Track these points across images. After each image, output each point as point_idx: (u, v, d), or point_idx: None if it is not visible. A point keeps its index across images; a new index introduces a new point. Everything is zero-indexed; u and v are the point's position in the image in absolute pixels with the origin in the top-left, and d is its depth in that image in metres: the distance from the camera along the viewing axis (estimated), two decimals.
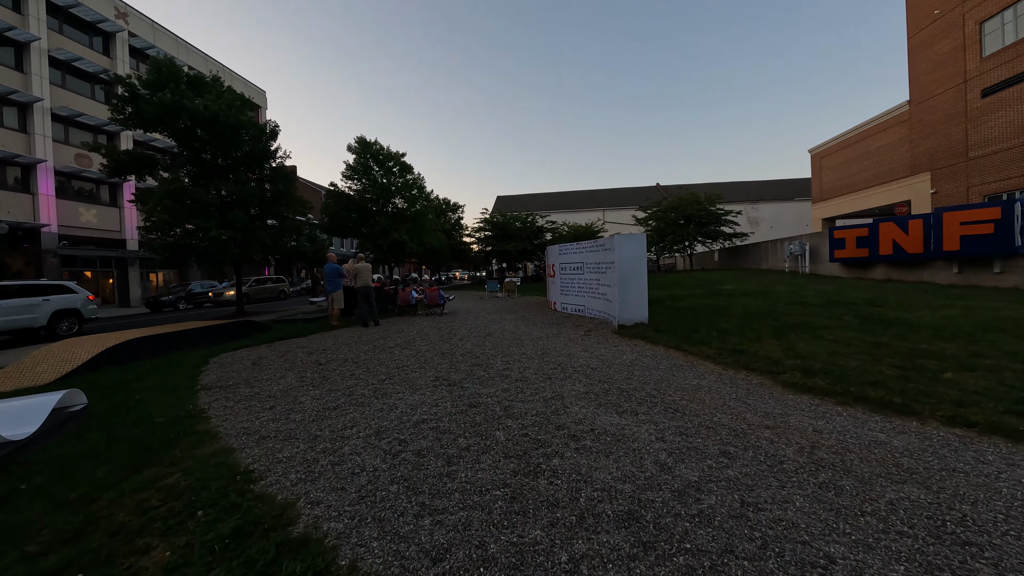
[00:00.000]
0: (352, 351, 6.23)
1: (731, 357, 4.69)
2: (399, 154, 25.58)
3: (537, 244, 28.27)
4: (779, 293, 10.92)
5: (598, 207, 47.27)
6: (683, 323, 6.94)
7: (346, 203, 24.50)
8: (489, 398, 3.60)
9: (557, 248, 10.14)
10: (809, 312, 7.48)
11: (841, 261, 15.74)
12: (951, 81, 19.34)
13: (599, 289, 8.35)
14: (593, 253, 8.51)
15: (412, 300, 10.48)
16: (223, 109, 11.43)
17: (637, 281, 7.08)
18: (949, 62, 19.48)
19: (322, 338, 7.66)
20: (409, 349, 6.22)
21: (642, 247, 7.10)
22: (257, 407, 3.65)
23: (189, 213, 11.48)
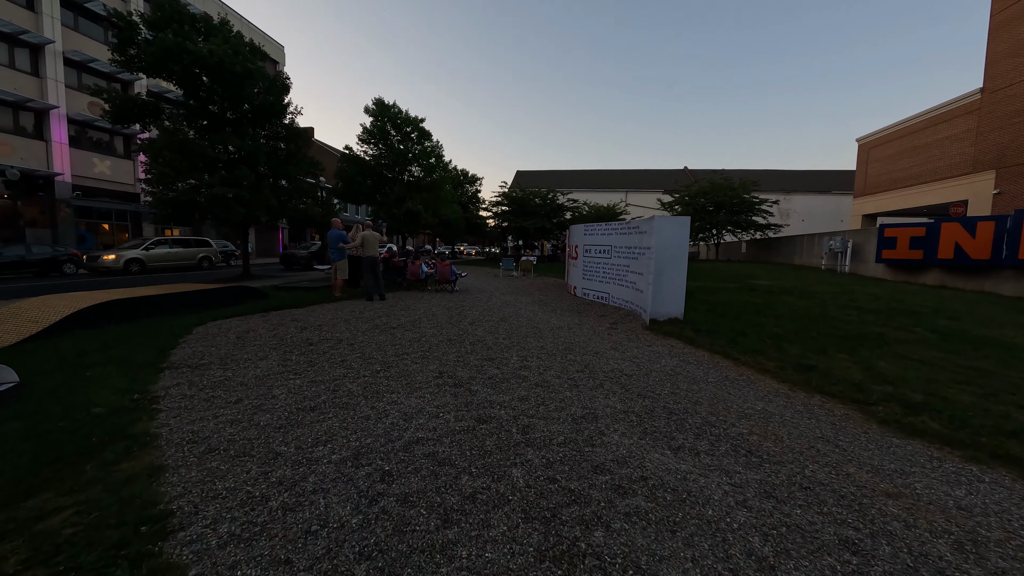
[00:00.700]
0: (349, 330, 5.57)
1: (797, 374, 3.86)
2: (418, 119, 24.41)
3: (556, 223, 27.14)
4: (824, 294, 9.87)
5: (621, 188, 45.36)
6: (724, 322, 6.07)
7: (361, 168, 23.66)
8: (503, 410, 2.87)
9: (582, 227, 9.21)
10: (869, 320, 6.51)
11: (889, 262, 14.40)
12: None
13: (628, 277, 7.48)
14: (624, 236, 7.59)
15: (422, 274, 9.78)
16: (229, 55, 10.54)
17: (676, 271, 6.19)
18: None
19: (321, 311, 7.04)
20: (413, 332, 5.52)
21: (685, 232, 6.17)
22: (221, 399, 3.00)
23: (192, 167, 10.84)
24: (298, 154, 14.15)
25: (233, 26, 12.28)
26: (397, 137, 24.27)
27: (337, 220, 8.20)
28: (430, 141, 25.13)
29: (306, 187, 13.53)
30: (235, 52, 10.89)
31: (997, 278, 11.30)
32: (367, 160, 23.94)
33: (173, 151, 10.51)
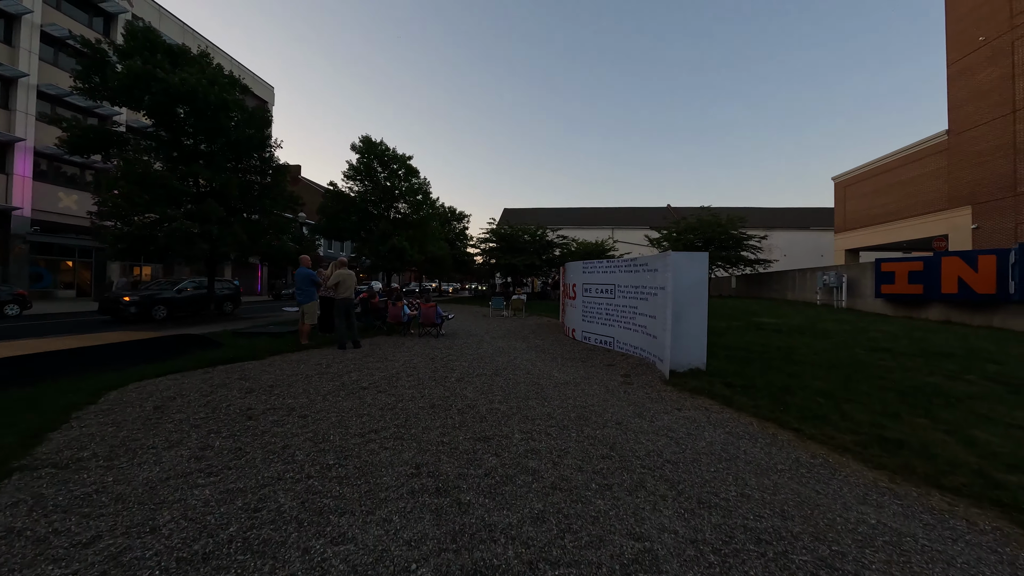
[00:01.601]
0: (307, 392, 4.49)
1: (886, 453, 2.96)
2: (405, 156, 24.26)
3: (545, 259, 26.67)
4: (838, 332, 9.21)
5: (607, 225, 45.92)
6: (755, 373, 5.21)
7: (346, 204, 23.06)
8: (510, 547, 1.87)
9: (580, 265, 8.48)
10: (910, 366, 5.75)
11: (888, 297, 14.06)
12: (997, 111, 17.97)
13: (636, 320, 6.64)
14: (630, 274, 6.83)
15: (404, 317, 8.78)
16: (203, 85, 9.96)
17: (696, 314, 5.38)
18: (995, 91, 18.14)
19: (281, 364, 5.93)
20: (388, 394, 4.48)
21: (704, 270, 5.43)
22: (63, 534, 1.91)
23: (154, 200, 9.91)
24: (276, 188, 13.43)
25: (214, 59, 11.86)
26: (384, 174, 23.96)
27: (307, 257, 7.26)
28: (417, 178, 24.89)
29: (282, 222, 12.66)
30: (211, 82, 10.33)
31: (1006, 313, 10.92)
32: (352, 196, 23.43)
33: (131, 183, 9.61)
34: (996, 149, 17.99)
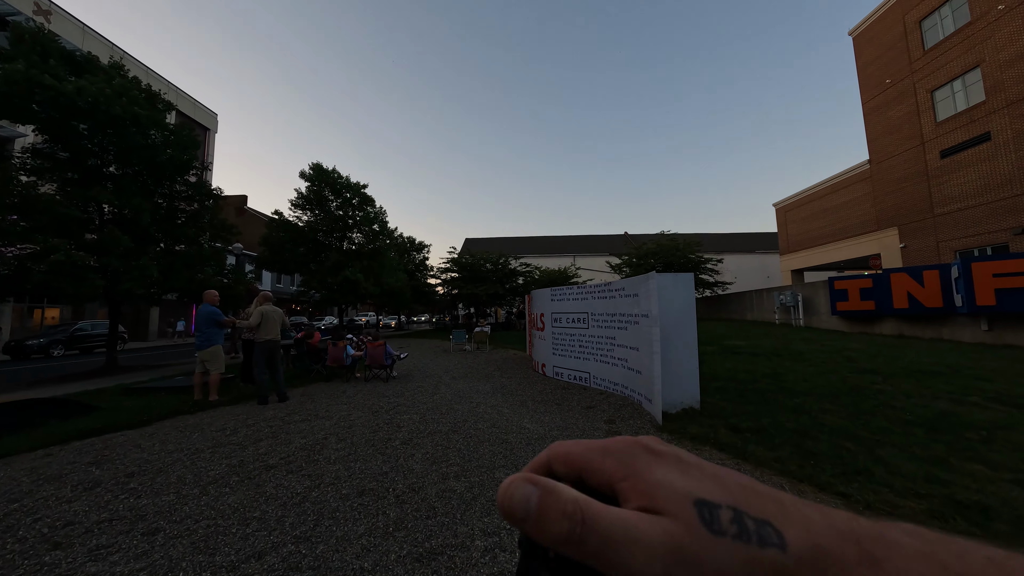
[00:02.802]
0: (182, 482, 3.19)
1: (972, 525, 2.21)
2: (360, 185, 23.12)
3: (509, 288, 25.96)
4: (811, 353, 8.95)
5: (568, 253, 46.43)
6: (756, 411, 4.50)
7: (293, 235, 21.35)
8: None
9: (548, 292, 7.69)
10: (904, 388, 5.31)
11: (843, 314, 14.42)
12: (909, 143, 19.90)
13: (614, 352, 5.84)
14: (605, 300, 6.09)
15: (346, 359, 7.46)
16: (107, 96, 8.55)
17: (685, 344, 4.65)
18: (905, 125, 20.16)
19: (168, 432, 4.50)
20: (302, 474, 3.27)
21: (690, 292, 4.76)
22: None
23: (34, 227, 8.13)
24: (205, 216, 11.85)
25: (129, 71, 10.46)
26: (336, 202, 22.62)
27: (211, 292, 5.89)
28: (373, 207, 23.73)
29: (207, 254, 11.03)
30: (118, 94, 8.93)
31: (954, 325, 11.31)
32: (301, 226, 21.79)
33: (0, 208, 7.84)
34: (912, 176, 19.74)
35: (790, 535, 0.18)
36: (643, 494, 0.20)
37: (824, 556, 0.18)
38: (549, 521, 0.19)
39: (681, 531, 0.18)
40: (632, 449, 0.23)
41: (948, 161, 18.13)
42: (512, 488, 0.21)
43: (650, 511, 0.19)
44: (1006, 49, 15.55)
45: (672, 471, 0.21)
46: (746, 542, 0.18)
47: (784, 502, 0.20)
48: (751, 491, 0.21)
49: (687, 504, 0.19)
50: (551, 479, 0.22)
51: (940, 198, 18.51)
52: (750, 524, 0.19)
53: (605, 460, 0.22)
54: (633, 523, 0.19)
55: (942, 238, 18.39)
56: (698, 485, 0.21)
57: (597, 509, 0.19)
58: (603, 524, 0.19)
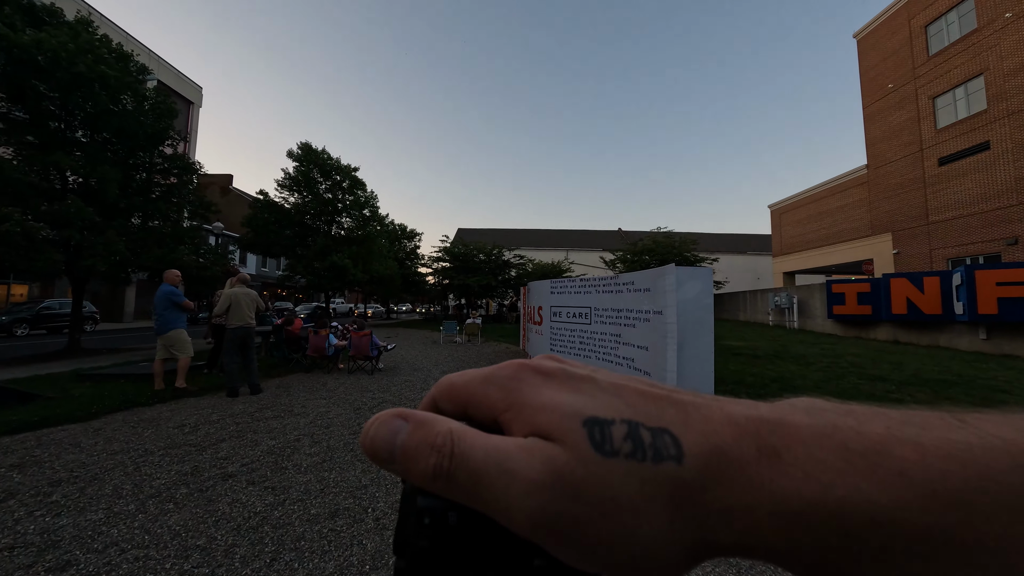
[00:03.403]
0: (116, 496, 2.67)
1: None
2: (350, 167, 22.26)
3: (501, 280, 25.46)
4: (813, 357, 8.70)
5: (562, 247, 46.04)
6: None
7: (279, 216, 20.47)
8: None
9: (547, 284, 7.23)
10: (922, 399, 5.02)
11: (839, 318, 14.31)
12: (907, 149, 19.84)
13: (619, 351, 5.43)
14: (611, 295, 5.65)
15: (329, 349, 6.93)
16: (68, 50, 7.74)
17: (702, 346, 4.25)
18: (905, 131, 20.09)
19: (115, 428, 3.95)
20: (264, 486, 2.78)
21: (709, 289, 4.35)
22: None
23: None
24: (183, 191, 11.07)
25: (98, 28, 9.57)
26: (325, 185, 21.75)
27: (172, 272, 5.27)
28: (363, 191, 22.91)
29: (182, 232, 10.29)
30: (83, 51, 8.11)
31: (951, 333, 11.22)
32: (287, 208, 20.90)
33: None
34: (909, 183, 19.71)
35: (688, 440, 0.17)
36: (527, 421, 0.18)
37: (722, 456, 0.16)
38: (417, 457, 0.17)
39: (565, 457, 0.16)
40: (518, 373, 0.20)
41: (946, 169, 18.08)
42: (376, 425, 0.18)
43: (537, 437, 0.17)
44: (1011, 58, 15.41)
45: (562, 390, 0.19)
46: (640, 460, 0.16)
47: (685, 403, 0.18)
48: (650, 397, 0.19)
49: (575, 424, 0.17)
50: (431, 412, 0.19)
51: (936, 205, 18.50)
52: (646, 437, 0.17)
53: (488, 389, 0.20)
54: (509, 453, 0.17)
55: (935, 246, 18.42)
56: (590, 401, 0.18)
57: (472, 440, 0.17)
58: (475, 456, 0.16)
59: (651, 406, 0.18)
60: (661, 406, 0.18)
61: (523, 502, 0.16)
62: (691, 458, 0.16)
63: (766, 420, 0.17)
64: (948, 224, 17.96)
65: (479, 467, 0.16)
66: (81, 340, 9.78)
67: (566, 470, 0.16)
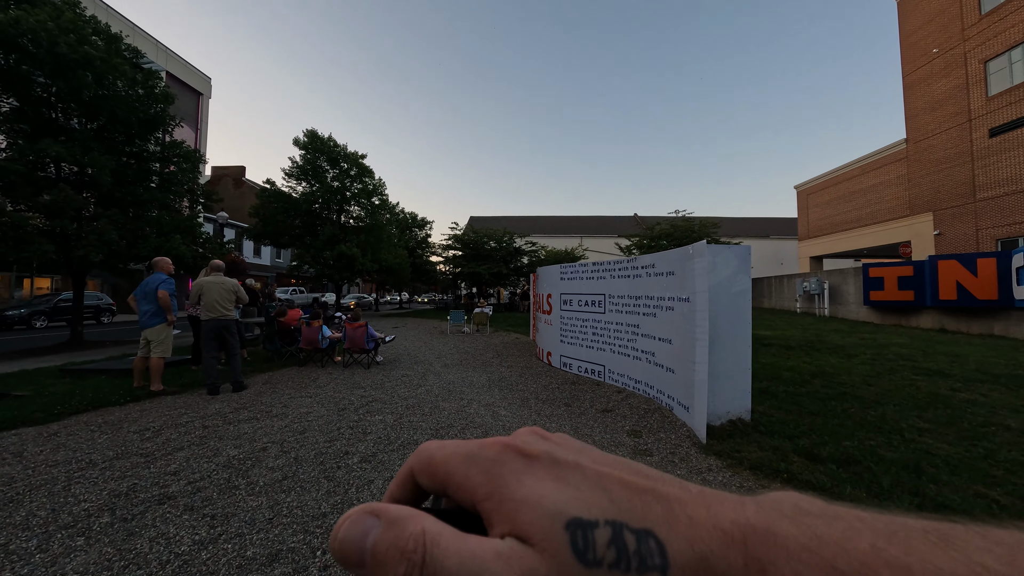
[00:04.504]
0: (31, 521, 2.22)
1: None
2: (358, 155, 21.79)
3: (513, 268, 24.84)
4: (853, 348, 7.85)
5: (576, 233, 44.99)
6: (828, 429, 3.46)
7: (287, 206, 20.21)
8: None
9: (557, 270, 6.59)
10: (997, 400, 4.23)
11: (876, 304, 13.22)
12: (953, 120, 18.17)
13: (638, 343, 4.79)
14: (628, 280, 4.99)
15: (322, 342, 6.48)
16: (49, 31, 7.33)
17: (737, 338, 3.58)
18: (950, 100, 18.38)
19: (71, 431, 3.55)
20: (203, 517, 2.29)
21: (747, 271, 3.65)
22: None
23: None
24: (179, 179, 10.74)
25: (85, 8, 9.16)
26: (333, 173, 21.36)
27: (162, 260, 4.87)
28: (371, 179, 22.45)
29: (180, 221, 9.97)
30: (65, 30, 7.70)
31: (1008, 320, 10.11)
32: (296, 198, 20.63)
33: None
34: (954, 157, 18.10)
35: (673, 547, 0.16)
36: (507, 517, 0.17)
37: (707, 570, 0.15)
38: (387, 563, 0.16)
39: (546, 569, 0.15)
40: (501, 455, 0.19)
41: (997, 140, 16.47)
42: (347, 525, 0.17)
43: (516, 538, 0.16)
44: None
45: (544, 480, 0.18)
46: (624, 571, 0.15)
47: (670, 498, 0.17)
48: (635, 490, 0.18)
49: (557, 529, 0.16)
50: (404, 506, 0.18)
51: (985, 181, 16.93)
52: (630, 542, 0.16)
53: (469, 470, 0.18)
54: (486, 563, 0.15)
55: (983, 225, 16.93)
56: (573, 497, 0.17)
57: (447, 545, 0.16)
58: (449, 566, 0.15)
59: (636, 501, 0.17)
60: (646, 501, 0.17)
61: None
62: (676, 568, 0.15)
63: (754, 528, 0.16)
64: (999, 201, 16.43)
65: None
66: (84, 333, 9.64)
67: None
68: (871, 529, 0.15)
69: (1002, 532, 0.15)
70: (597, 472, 0.18)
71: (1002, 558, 0.14)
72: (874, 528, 0.15)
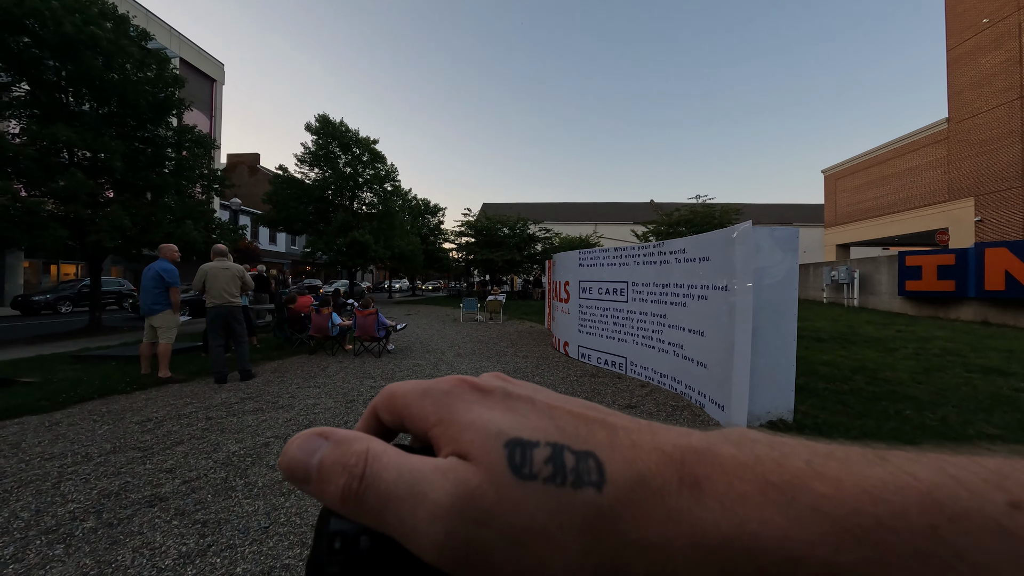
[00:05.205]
0: (12, 524, 2.05)
1: None
2: (369, 140, 21.50)
3: (527, 255, 24.44)
4: (891, 341, 7.34)
5: (590, 220, 44.13)
6: (882, 433, 3.10)
7: (299, 192, 20.15)
8: None
9: (575, 256, 6.24)
10: None
11: (912, 295, 12.48)
12: (1003, 97, 16.82)
13: (664, 335, 4.44)
14: (655, 267, 4.62)
15: (332, 329, 6.31)
16: (54, 10, 7.15)
17: (781, 331, 3.21)
18: (1000, 75, 16.99)
19: (72, 423, 3.43)
20: (194, 523, 2.09)
21: (794, 256, 3.26)
22: None
23: None
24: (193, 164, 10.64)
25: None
26: (345, 159, 21.15)
27: (168, 247, 4.70)
28: (384, 164, 22.18)
29: (192, 207, 9.90)
30: (69, 9, 7.52)
31: None
32: (308, 184, 20.53)
33: None
34: (1002, 137, 16.84)
35: (612, 467, 0.16)
36: (451, 438, 0.17)
37: (643, 485, 0.15)
38: (330, 478, 0.16)
39: (478, 480, 0.16)
40: (455, 388, 0.20)
41: None
42: (296, 444, 0.18)
43: (457, 457, 0.17)
44: None
45: (493, 409, 0.18)
46: (558, 484, 0.15)
47: (617, 427, 0.18)
48: (583, 419, 0.18)
49: (495, 445, 0.17)
50: (352, 430, 0.19)
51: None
52: (569, 460, 0.16)
53: (424, 402, 0.19)
54: (423, 474, 0.16)
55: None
56: (519, 422, 0.18)
57: (387, 461, 0.16)
58: (387, 477, 0.16)
59: (582, 428, 0.18)
60: (592, 428, 0.18)
61: (430, 527, 0.15)
62: (612, 486, 0.16)
63: (693, 449, 0.16)
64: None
65: (389, 489, 0.16)
66: (102, 318, 9.74)
67: (477, 493, 0.15)
68: (810, 450, 0.16)
69: (937, 453, 0.15)
70: (548, 404, 0.19)
71: (931, 467, 0.14)
72: (814, 449, 0.16)
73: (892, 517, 0.13)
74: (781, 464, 0.15)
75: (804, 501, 0.14)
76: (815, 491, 0.14)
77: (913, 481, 0.14)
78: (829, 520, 0.14)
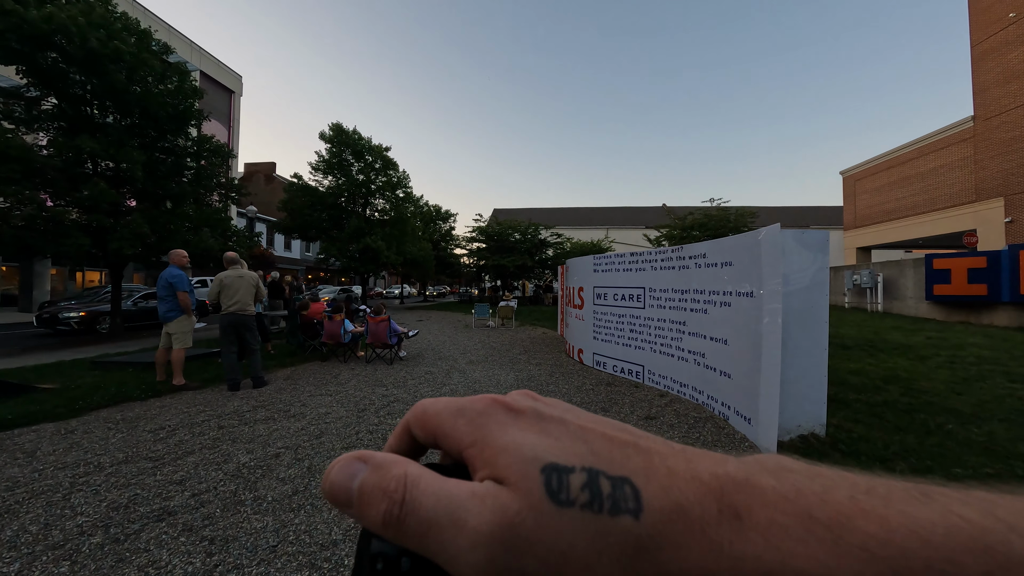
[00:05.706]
0: (20, 539, 2.01)
1: None
2: (382, 148, 21.75)
3: (538, 260, 24.34)
4: (922, 348, 6.99)
5: (602, 225, 43.85)
6: (925, 451, 2.89)
7: (313, 199, 20.46)
8: None
9: (590, 261, 6.11)
10: None
11: (941, 299, 11.98)
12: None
13: (684, 342, 4.28)
14: (674, 272, 4.47)
15: (344, 336, 6.29)
16: (80, 27, 7.38)
17: (814, 334, 3.04)
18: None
19: (88, 430, 3.43)
20: (201, 541, 2.03)
21: (825, 261, 3.09)
22: None
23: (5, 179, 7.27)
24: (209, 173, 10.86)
25: (117, 5, 9.27)
26: (358, 166, 21.43)
27: (178, 252, 4.74)
28: (396, 171, 22.41)
29: (209, 215, 10.07)
30: (96, 25, 7.76)
31: None
32: (322, 192, 20.84)
33: None
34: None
35: (648, 494, 0.16)
36: (487, 461, 0.17)
37: (682, 515, 0.15)
38: (371, 502, 0.17)
39: (518, 506, 0.15)
40: (488, 408, 0.20)
41: None
42: (336, 469, 0.18)
43: (493, 482, 0.17)
44: None
45: (527, 431, 0.18)
46: (596, 511, 0.15)
47: (651, 451, 0.18)
48: (617, 443, 0.18)
49: (532, 471, 0.16)
50: (393, 454, 0.19)
51: None
52: (605, 487, 0.16)
53: (458, 422, 0.19)
54: (461, 501, 0.16)
55: None
56: (553, 445, 0.18)
57: (426, 486, 0.16)
58: (426, 503, 0.16)
59: (616, 452, 0.18)
60: (627, 453, 0.17)
61: (470, 555, 0.15)
62: (650, 513, 0.15)
63: (732, 479, 0.16)
64: None
65: (429, 516, 0.16)
66: (122, 324, 9.94)
67: (516, 520, 0.15)
68: (851, 484, 0.15)
69: (983, 491, 0.15)
70: (580, 426, 0.19)
71: (980, 510, 0.14)
72: (855, 483, 0.15)
73: (944, 562, 0.13)
74: (823, 499, 0.15)
75: (850, 540, 0.14)
76: (861, 530, 0.14)
77: (963, 524, 0.13)
78: (878, 560, 0.13)
